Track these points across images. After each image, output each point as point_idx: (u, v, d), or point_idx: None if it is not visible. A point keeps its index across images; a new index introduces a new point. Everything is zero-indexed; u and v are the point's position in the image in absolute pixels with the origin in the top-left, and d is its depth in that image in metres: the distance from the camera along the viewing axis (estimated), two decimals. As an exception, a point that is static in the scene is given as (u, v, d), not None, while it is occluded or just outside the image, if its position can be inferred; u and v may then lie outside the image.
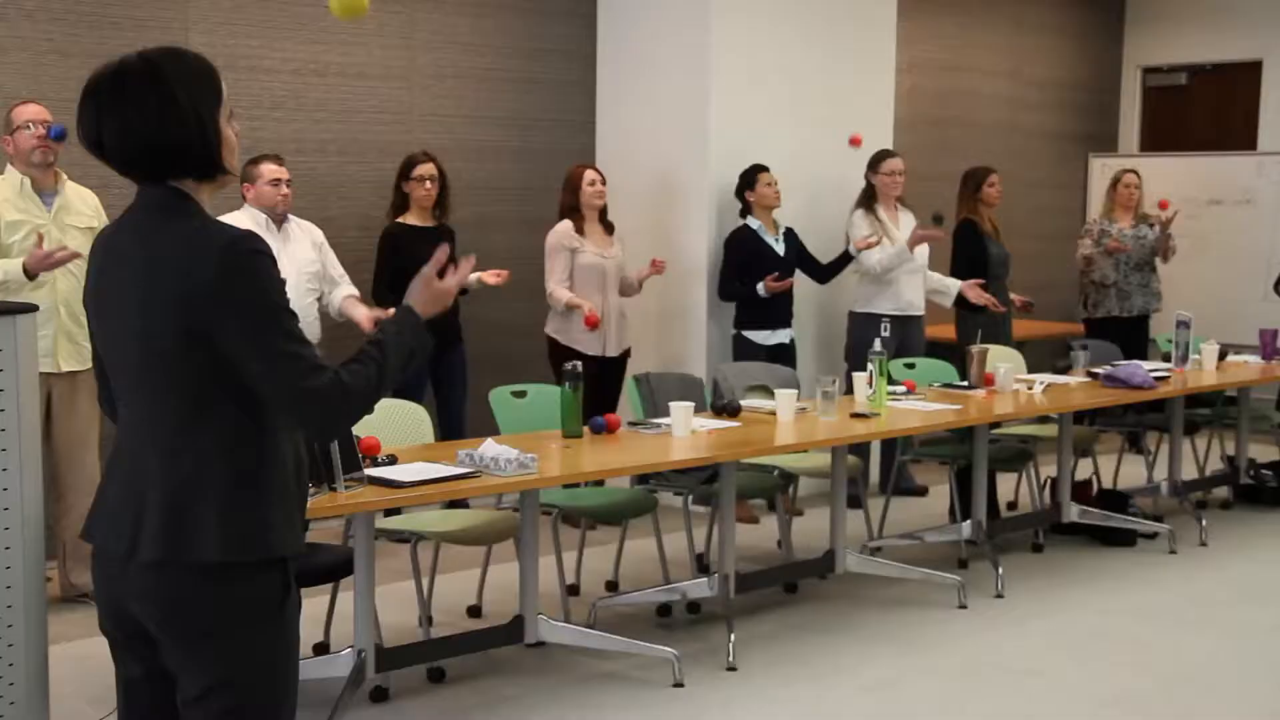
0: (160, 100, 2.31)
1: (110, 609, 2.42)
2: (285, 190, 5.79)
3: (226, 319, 2.27)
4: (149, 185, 2.37)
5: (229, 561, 2.30)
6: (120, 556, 2.34)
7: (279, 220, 5.84)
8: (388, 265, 6.26)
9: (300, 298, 5.79)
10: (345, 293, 6.02)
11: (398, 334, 2.49)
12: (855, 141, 7.36)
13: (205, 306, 2.26)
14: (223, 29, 6.27)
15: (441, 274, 2.63)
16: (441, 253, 2.65)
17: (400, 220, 6.38)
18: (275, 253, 2.40)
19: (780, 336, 7.04)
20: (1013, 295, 7.72)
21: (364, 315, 5.89)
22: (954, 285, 7.39)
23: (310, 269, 5.90)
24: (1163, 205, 8.30)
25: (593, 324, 6.47)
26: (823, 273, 7.30)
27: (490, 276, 6.36)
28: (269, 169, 5.75)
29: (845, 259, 7.23)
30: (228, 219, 5.62)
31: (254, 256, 2.30)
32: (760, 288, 6.87)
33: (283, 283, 2.35)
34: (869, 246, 7.08)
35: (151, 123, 2.31)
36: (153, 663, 2.41)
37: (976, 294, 7.29)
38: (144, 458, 2.35)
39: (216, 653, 2.34)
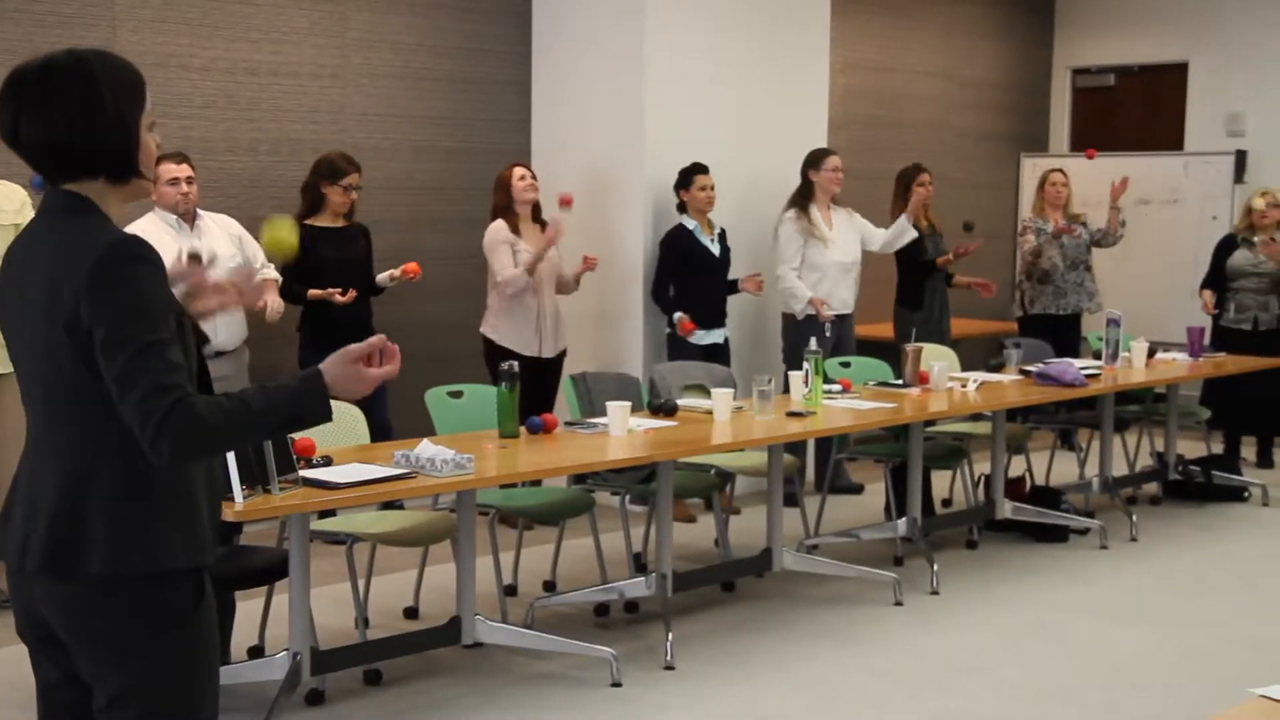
0: (85, 100, 2.28)
1: (22, 614, 2.39)
2: (185, 189, 5.67)
3: (95, 320, 2.21)
4: (56, 185, 2.34)
5: (119, 574, 2.27)
6: (17, 567, 2.32)
7: (190, 219, 5.76)
8: (299, 267, 6.15)
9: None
10: (261, 276, 5.93)
11: (290, 391, 2.33)
12: (565, 202, 6.86)
13: (81, 307, 2.22)
14: (151, 26, 6.19)
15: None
16: (377, 340, 2.45)
17: (309, 222, 6.24)
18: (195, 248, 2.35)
19: (714, 336, 7.06)
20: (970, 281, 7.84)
21: (270, 305, 5.84)
22: (905, 224, 7.47)
23: (230, 263, 5.80)
24: (1115, 192, 8.36)
25: (565, 202, 6.57)
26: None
27: (399, 272, 6.34)
28: (166, 169, 5.60)
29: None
30: (139, 224, 5.56)
31: (133, 262, 2.24)
32: (675, 318, 6.91)
33: (164, 296, 2.27)
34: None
35: (76, 121, 2.28)
36: (68, 668, 2.38)
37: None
38: (40, 465, 2.32)
39: (119, 663, 2.31)
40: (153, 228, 5.63)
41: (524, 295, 6.57)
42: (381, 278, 6.41)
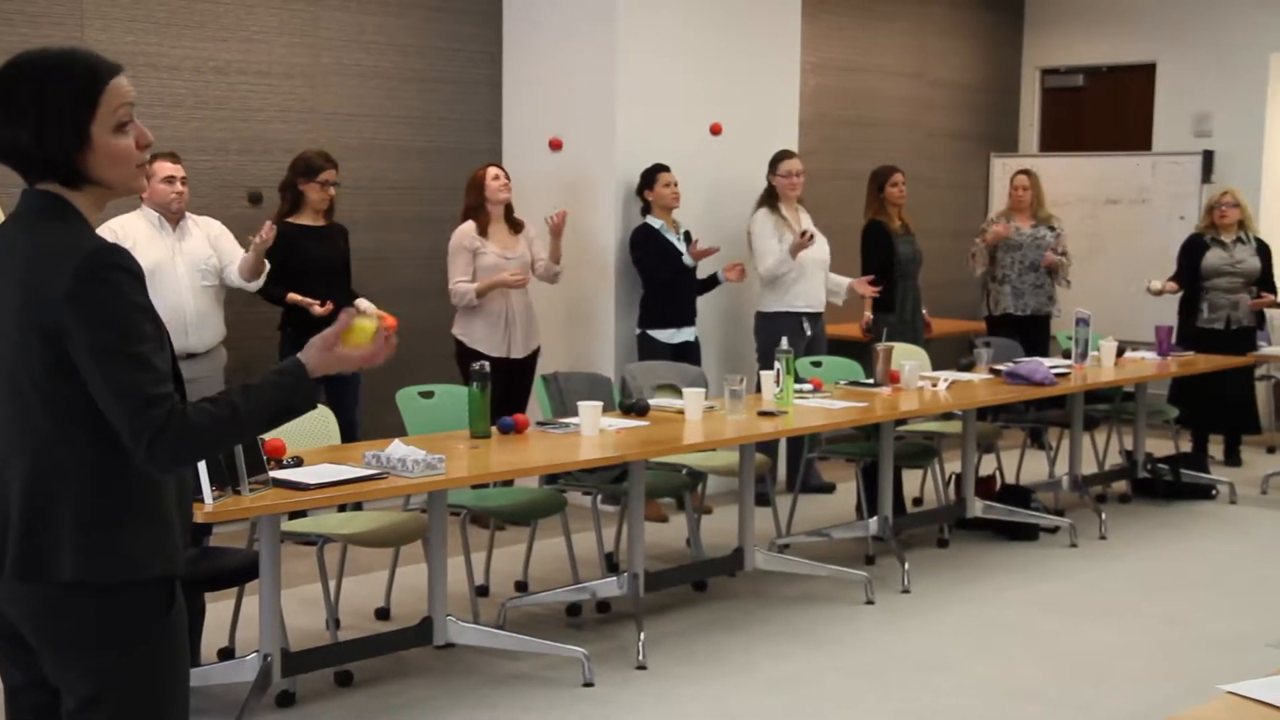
0: (30, 105, 2.24)
1: None
2: (180, 188, 5.71)
3: (77, 330, 2.20)
4: (30, 186, 2.32)
5: (88, 581, 2.26)
6: None
7: (174, 219, 5.74)
8: (281, 266, 6.16)
9: (195, 296, 5.74)
10: (238, 263, 5.91)
11: (274, 386, 2.36)
12: (715, 129, 7.26)
13: (59, 314, 2.20)
14: (120, 25, 6.16)
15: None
16: (346, 316, 2.51)
17: (291, 220, 6.27)
18: (169, 253, 2.35)
19: (685, 335, 7.06)
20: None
21: (245, 257, 5.82)
22: (844, 282, 7.53)
23: (206, 265, 5.81)
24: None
25: (519, 281, 6.54)
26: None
27: (257, 237, 6.22)
28: (162, 167, 5.67)
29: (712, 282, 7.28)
30: (121, 220, 5.57)
31: (114, 271, 2.23)
32: (686, 257, 6.91)
33: (144, 305, 2.26)
34: (799, 248, 7.12)
35: (26, 126, 2.25)
36: (35, 671, 2.36)
37: (864, 288, 7.44)
38: (9, 468, 2.30)
39: (87, 668, 2.29)
40: (134, 223, 5.62)
41: (492, 297, 6.56)
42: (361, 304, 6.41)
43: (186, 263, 5.70)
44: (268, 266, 5.95)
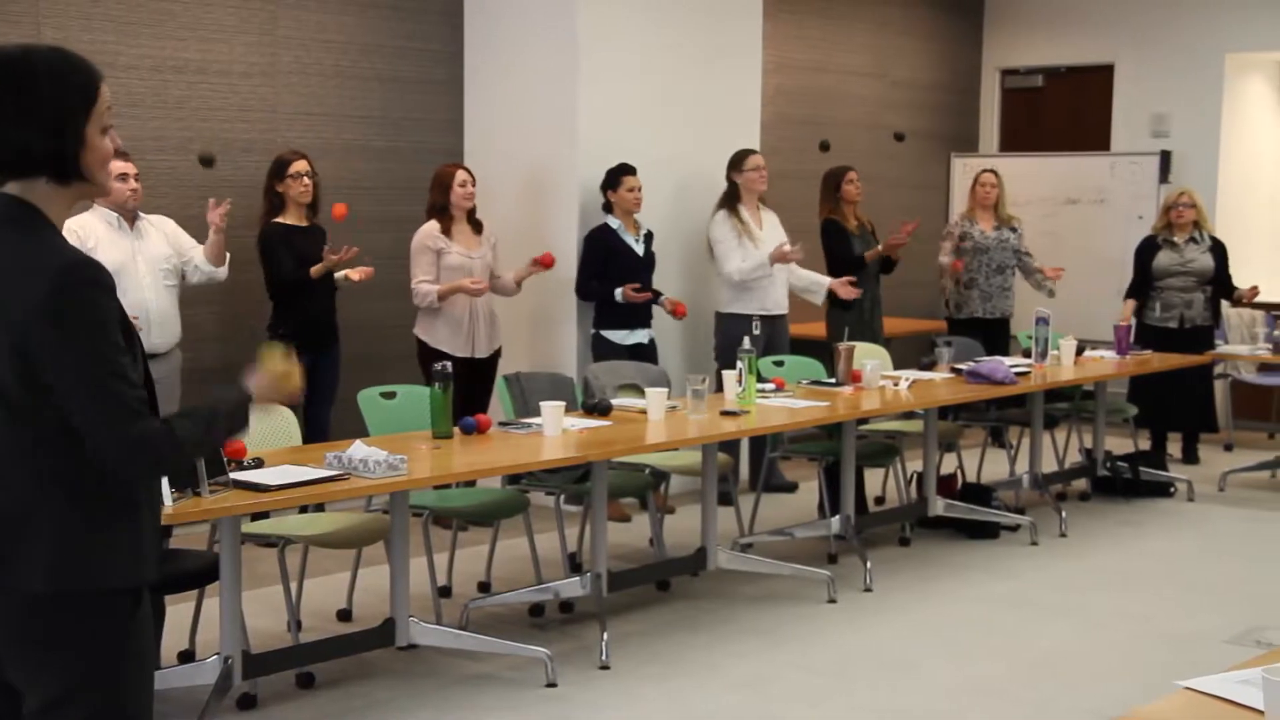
0: (24, 97, 2.25)
1: None
2: (134, 185, 5.66)
3: (53, 345, 2.20)
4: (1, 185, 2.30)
5: (61, 591, 2.25)
6: None
7: (130, 218, 5.70)
8: (279, 263, 6.20)
9: (158, 295, 5.72)
10: (202, 250, 5.92)
11: (234, 407, 2.49)
12: (547, 263, 6.77)
13: (33, 326, 2.20)
14: (77, 24, 6.10)
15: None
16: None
17: (278, 220, 6.28)
18: (130, 253, 2.36)
19: (639, 336, 7.06)
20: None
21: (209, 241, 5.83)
22: (824, 282, 7.53)
23: (166, 264, 5.79)
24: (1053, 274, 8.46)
25: (479, 290, 6.52)
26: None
27: (355, 274, 6.39)
28: (114, 165, 5.60)
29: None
30: (80, 220, 5.52)
31: (88, 287, 2.23)
32: (618, 294, 6.89)
33: (117, 318, 2.27)
34: (783, 259, 7.14)
35: (13, 118, 2.25)
36: None
37: (846, 290, 7.46)
38: None
39: (54, 671, 2.29)
40: (92, 223, 5.57)
41: (455, 298, 6.55)
42: (338, 276, 6.41)
43: (147, 262, 5.68)
44: (228, 258, 5.96)
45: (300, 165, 6.29)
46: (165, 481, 3.63)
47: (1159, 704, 2.37)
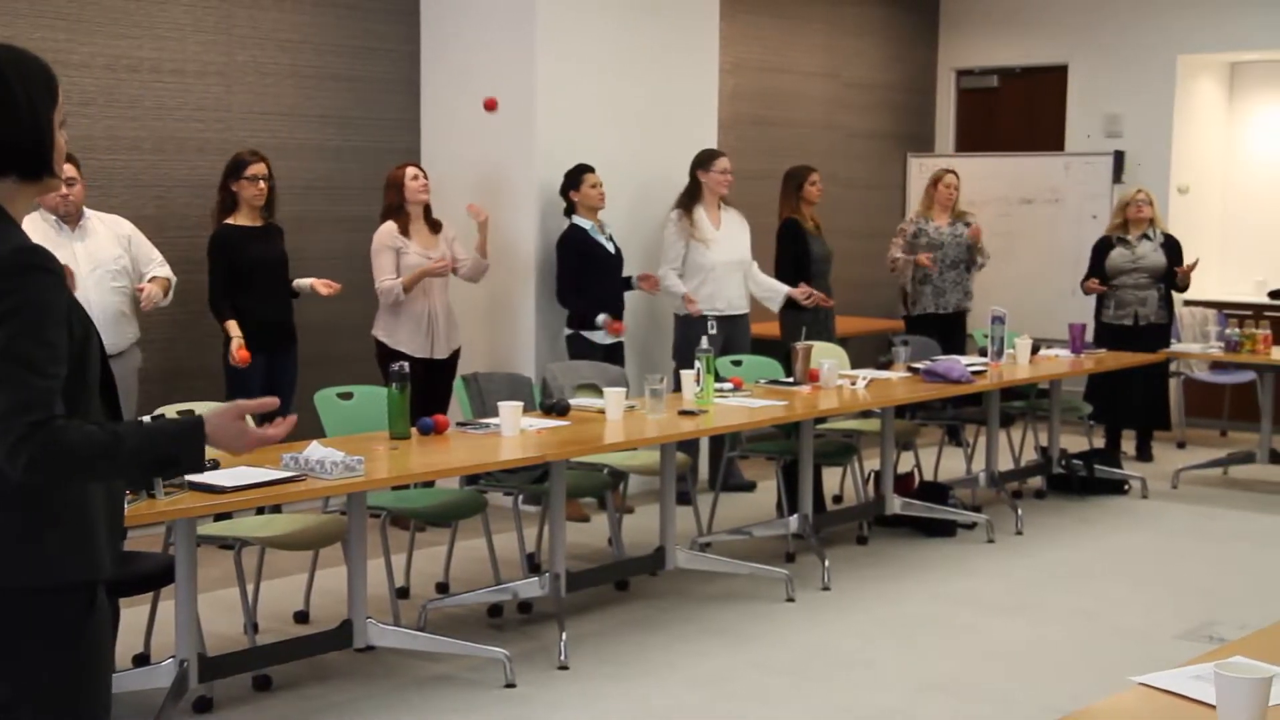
0: (18, 89, 2.27)
1: None
2: (65, 190, 5.53)
3: None
4: None
5: (7, 586, 2.22)
6: None
7: (72, 220, 5.62)
8: (223, 269, 6.12)
9: (104, 295, 5.59)
10: (151, 274, 5.83)
11: (166, 432, 2.32)
12: (490, 105, 7.18)
13: None
14: (26, 20, 6.04)
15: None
16: (271, 401, 2.53)
17: (229, 222, 6.21)
18: (71, 253, 2.33)
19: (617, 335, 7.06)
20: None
21: (147, 294, 5.72)
22: (781, 289, 7.56)
23: (114, 265, 5.69)
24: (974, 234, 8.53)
25: (443, 268, 6.51)
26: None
27: (322, 286, 6.31)
28: None
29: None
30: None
31: (30, 271, 2.21)
32: (600, 320, 6.89)
33: (58, 307, 2.23)
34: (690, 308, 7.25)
35: (10, 111, 2.26)
36: None
37: (805, 296, 7.50)
38: None
39: (5, 671, 2.25)
40: (33, 227, 5.49)
41: (414, 298, 6.53)
42: (301, 283, 6.35)
43: (91, 262, 5.56)
44: (174, 282, 5.88)
45: (258, 169, 6.21)
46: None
47: (1113, 699, 2.39)
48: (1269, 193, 10.22)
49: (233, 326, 6.09)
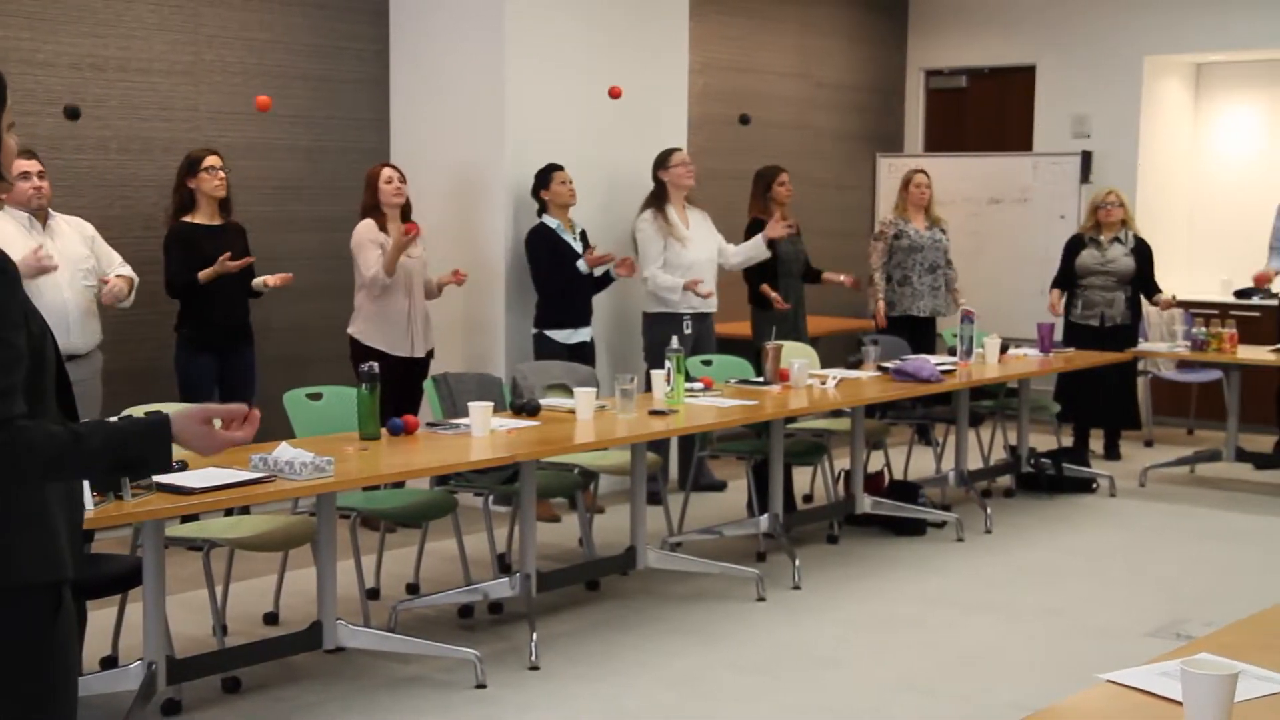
0: None
1: None
2: (38, 183, 5.52)
3: None
4: None
5: None
6: None
7: (42, 217, 5.59)
8: (179, 267, 6.08)
9: (76, 295, 5.57)
10: (115, 274, 5.79)
11: (130, 432, 2.29)
12: (614, 93, 7.28)
13: None
14: (-7, 20, 6.00)
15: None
16: (238, 409, 2.47)
17: (186, 220, 6.17)
18: (46, 251, 2.30)
19: (581, 335, 7.06)
20: (841, 277, 8.12)
21: (111, 288, 5.68)
22: (760, 241, 7.53)
23: (84, 265, 5.67)
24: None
25: (411, 231, 6.44)
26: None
27: (275, 280, 6.27)
28: (15, 164, 5.48)
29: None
30: None
31: None
32: (581, 264, 6.88)
33: (11, 309, 2.21)
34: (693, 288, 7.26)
35: None
36: None
37: (779, 230, 7.46)
38: None
39: None
40: (4, 225, 5.46)
41: (395, 296, 6.50)
42: (256, 283, 6.31)
43: (64, 261, 5.54)
44: (136, 282, 5.84)
45: (213, 160, 6.16)
46: (86, 485, 3.58)
47: (1080, 696, 2.40)
48: (1234, 193, 10.29)
49: (205, 273, 6.03)
